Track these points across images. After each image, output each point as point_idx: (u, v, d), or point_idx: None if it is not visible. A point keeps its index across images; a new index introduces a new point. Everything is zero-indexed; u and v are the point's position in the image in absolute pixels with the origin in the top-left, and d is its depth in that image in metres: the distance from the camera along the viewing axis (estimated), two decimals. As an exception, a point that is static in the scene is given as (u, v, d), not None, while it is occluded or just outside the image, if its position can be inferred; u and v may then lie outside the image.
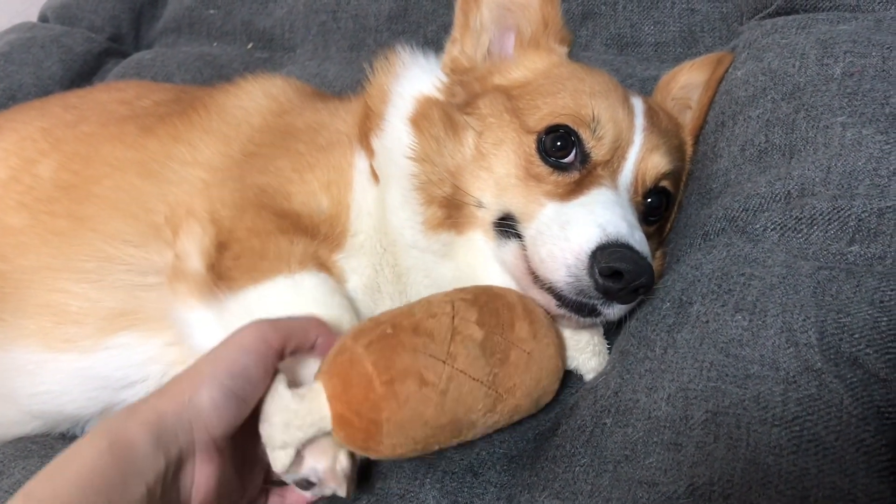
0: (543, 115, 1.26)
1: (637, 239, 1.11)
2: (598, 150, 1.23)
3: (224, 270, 1.21)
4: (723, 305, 1.03)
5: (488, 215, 1.24)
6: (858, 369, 0.93)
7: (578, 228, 1.12)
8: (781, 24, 1.42)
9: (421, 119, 1.33)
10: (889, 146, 1.11)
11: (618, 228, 1.10)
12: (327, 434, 0.98)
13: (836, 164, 1.13)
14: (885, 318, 0.96)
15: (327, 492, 1.01)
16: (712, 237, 1.21)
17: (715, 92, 1.43)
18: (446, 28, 1.98)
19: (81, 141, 1.52)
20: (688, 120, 1.46)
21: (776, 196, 1.16)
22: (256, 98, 1.54)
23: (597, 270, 1.08)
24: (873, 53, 1.23)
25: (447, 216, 1.26)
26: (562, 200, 1.19)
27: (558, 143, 1.23)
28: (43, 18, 2.60)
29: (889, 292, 0.98)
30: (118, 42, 2.54)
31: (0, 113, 1.79)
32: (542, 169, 1.23)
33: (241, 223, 1.26)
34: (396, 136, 1.33)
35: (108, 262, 1.34)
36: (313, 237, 1.28)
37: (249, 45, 2.31)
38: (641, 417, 0.99)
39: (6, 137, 1.58)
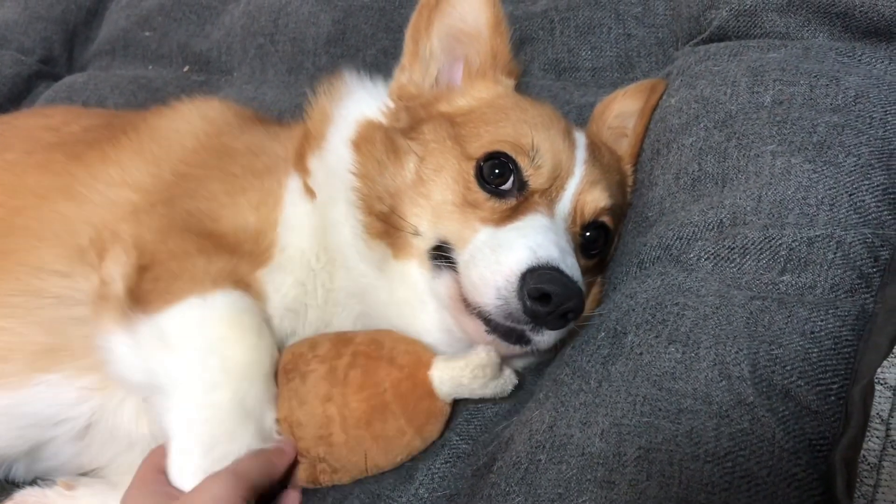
0: (484, 142, 1.26)
1: (569, 264, 1.11)
2: (535, 178, 1.23)
3: (142, 293, 1.20)
4: (656, 336, 1.03)
5: (423, 244, 1.24)
6: (790, 402, 0.93)
7: (510, 251, 1.11)
8: (714, 51, 1.43)
9: (363, 142, 1.33)
10: (817, 175, 1.12)
11: (548, 252, 1.10)
12: None
13: (766, 193, 1.13)
14: (815, 349, 0.97)
15: None
16: (647, 266, 1.21)
17: (649, 120, 1.44)
18: (385, 52, 1.99)
19: (6, 170, 1.48)
20: (624, 148, 1.47)
21: (709, 225, 1.16)
22: (192, 120, 1.52)
23: (525, 293, 1.07)
24: (801, 82, 1.25)
25: (385, 230, 1.26)
26: (496, 226, 1.19)
27: (496, 171, 1.23)
28: (-30, 40, 2.52)
29: (819, 322, 0.99)
30: (50, 64, 2.47)
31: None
32: (480, 195, 1.22)
33: (164, 246, 1.25)
34: (339, 155, 1.33)
35: (35, 295, 1.30)
36: (234, 254, 1.27)
37: (186, 68, 2.26)
38: (575, 454, 0.98)
39: None
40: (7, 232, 1.37)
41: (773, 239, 1.09)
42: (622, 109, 1.49)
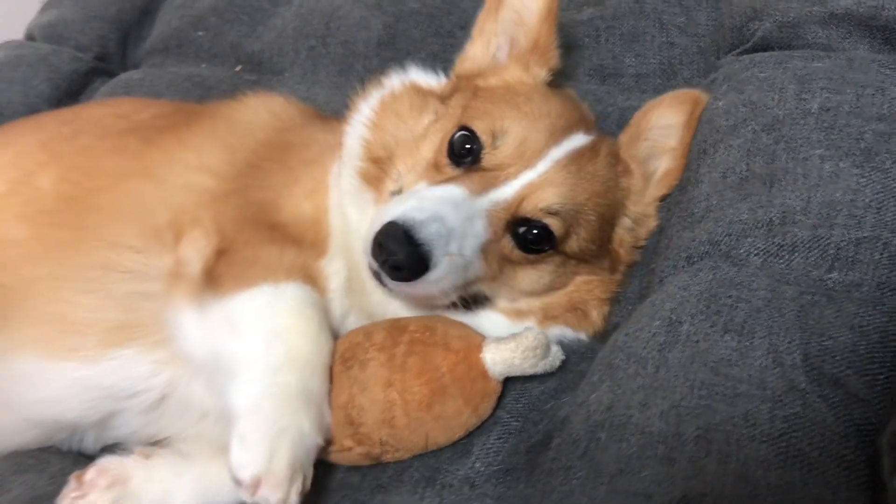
0: (474, 115, 1.36)
1: (428, 232, 1.18)
2: (489, 158, 1.31)
3: (216, 276, 1.27)
4: (712, 326, 1.09)
5: (391, 189, 1.37)
6: (840, 389, 0.99)
7: (394, 208, 1.22)
8: (759, 60, 1.49)
9: (391, 98, 1.46)
10: (864, 179, 1.18)
11: (415, 215, 1.19)
12: None
13: (815, 195, 1.19)
14: (863, 342, 1.03)
15: None
16: (696, 260, 1.27)
17: (694, 133, 1.47)
18: (434, 56, 2.05)
19: (80, 153, 1.55)
20: (667, 163, 1.49)
21: (759, 223, 1.22)
22: (260, 114, 1.59)
23: (372, 241, 1.20)
24: (847, 90, 1.30)
25: (375, 176, 1.39)
26: (428, 185, 1.31)
27: (465, 145, 1.32)
28: (30, 37, 2.61)
29: (867, 318, 1.05)
30: (105, 62, 2.55)
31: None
32: (444, 159, 1.34)
33: (240, 235, 1.32)
34: (357, 117, 1.46)
35: (110, 270, 1.37)
36: (300, 246, 1.34)
37: (238, 68, 2.34)
38: (635, 433, 1.04)
39: (3, 152, 1.59)
40: (86, 210, 1.44)
41: (822, 238, 1.15)
42: (660, 122, 1.48)
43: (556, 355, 1.25)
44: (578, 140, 1.37)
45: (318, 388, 1.20)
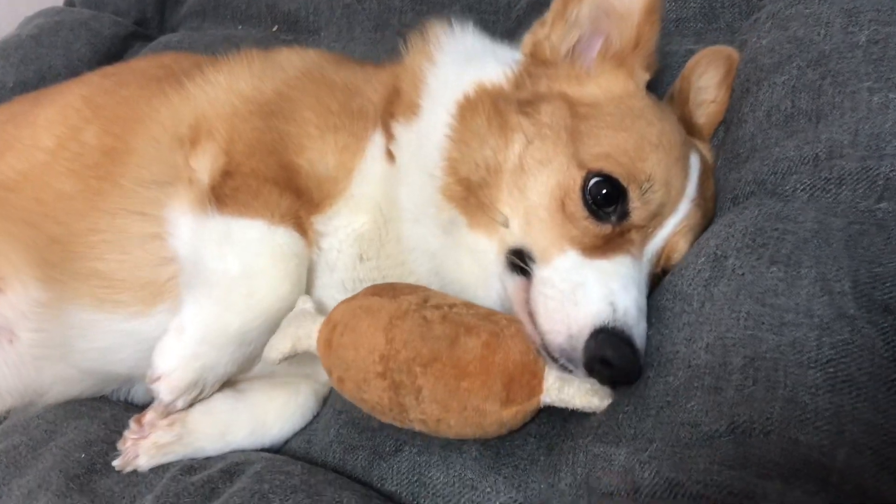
0: (600, 153, 1.20)
1: (640, 331, 1.10)
2: (639, 212, 1.19)
3: (221, 195, 1.32)
4: (758, 259, 1.07)
5: (508, 240, 1.22)
6: (890, 315, 0.97)
7: (590, 298, 1.10)
8: (804, -4, 1.46)
9: (467, 110, 1.30)
10: (915, 109, 1.15)
11: (626, 316, 1.09)
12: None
13: (863, 127, 1.17)
14: (914, 269, 1.01)
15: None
16: (742, 200, 1.26)
17: (731, 89, 1.47)
18: (469, 8, 2.04)
19: (121, 104, 1.58)
20: (706, 115, 1.50)
21: (805, 159, 1.20)
22: (292, 58, 1.58)
23: (591, 351, 1.06)
24: (897, 21, 1.27)
25: (464, 197, 1.25)
26: (584, 254, 1.16)
27: (604, 191, 1.17)
28: (69, 3, 2.66)
29: (918, 244, 1.03)
30: (143, 26, 2.59)
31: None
32: (579, 210, 1.18)
33: (248, 161, 1.35)
34: (433, 121, 1.32)
35: (135, 213, 1.41)
36: (299, 197, 1.35)
37: (274, 28, 2.35)
38: (682, 367, 1.04)
39: (48, 108, 1.63)
40: (122, 157, 1.47)
41: (871, 169, 1.13)
42: (700, 82, 1.49)
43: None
44: (696, 161, 1.29)
45: (257, 335, 1.28)
